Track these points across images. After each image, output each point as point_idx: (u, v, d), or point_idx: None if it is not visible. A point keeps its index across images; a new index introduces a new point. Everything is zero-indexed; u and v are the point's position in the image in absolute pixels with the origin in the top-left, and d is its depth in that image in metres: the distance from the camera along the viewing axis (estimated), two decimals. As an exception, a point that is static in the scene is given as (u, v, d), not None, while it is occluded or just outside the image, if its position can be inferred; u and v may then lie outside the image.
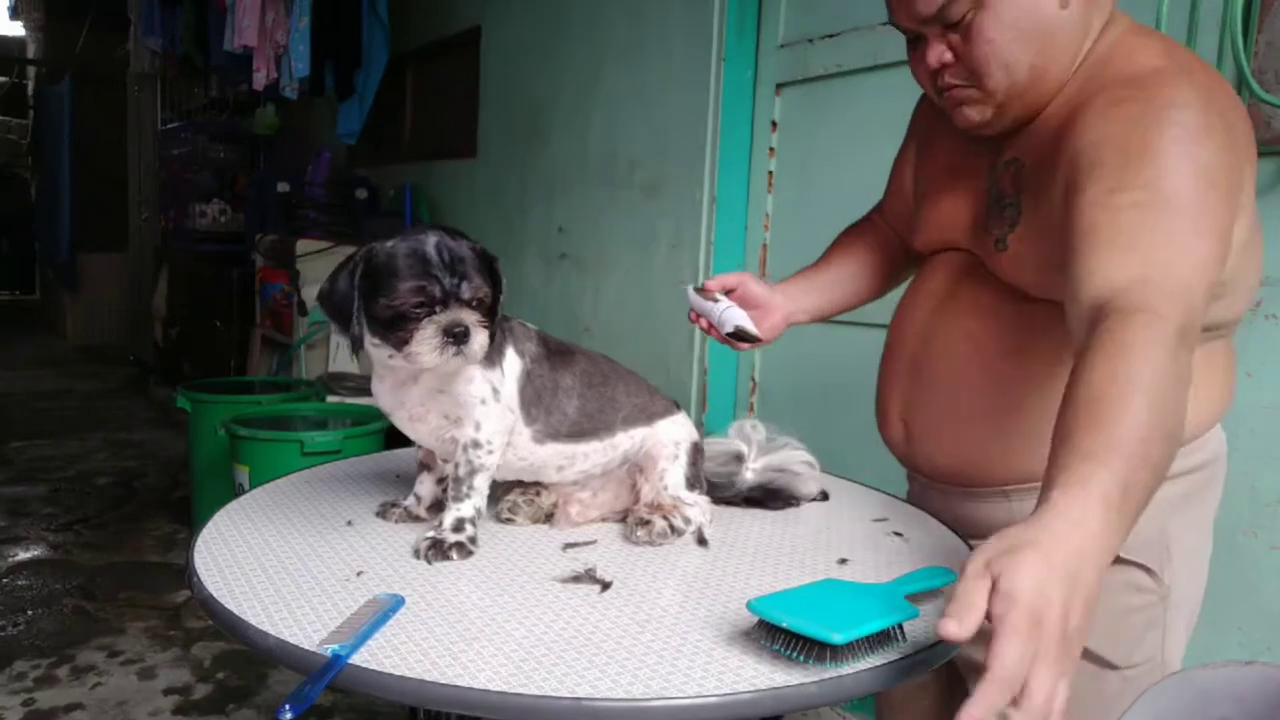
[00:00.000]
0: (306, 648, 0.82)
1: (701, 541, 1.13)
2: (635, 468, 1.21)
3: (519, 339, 1.15)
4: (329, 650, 0.80)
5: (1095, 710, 1.12)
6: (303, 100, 5.12)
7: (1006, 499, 1.20)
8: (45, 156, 10.39)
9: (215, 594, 0.93)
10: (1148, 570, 1.13)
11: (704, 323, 1.37)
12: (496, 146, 4.10)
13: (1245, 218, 1.03)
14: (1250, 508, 1.66)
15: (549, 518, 1.20)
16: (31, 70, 12.24)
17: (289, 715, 0.72)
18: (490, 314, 1.05)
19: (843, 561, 1.08)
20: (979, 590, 0.71)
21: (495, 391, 1.09)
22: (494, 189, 4.10)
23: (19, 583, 3.42)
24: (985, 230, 1.16)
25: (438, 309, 1.01)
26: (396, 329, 1.01)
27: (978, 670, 1.23)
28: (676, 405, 1.27)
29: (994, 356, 1.16)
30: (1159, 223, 0.92)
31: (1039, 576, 0.70)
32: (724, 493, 1.28)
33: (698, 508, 1.17)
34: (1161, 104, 0.96)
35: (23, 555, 3.70)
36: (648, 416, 1.21)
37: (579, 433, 1.17)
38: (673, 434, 1.21)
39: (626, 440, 1.20)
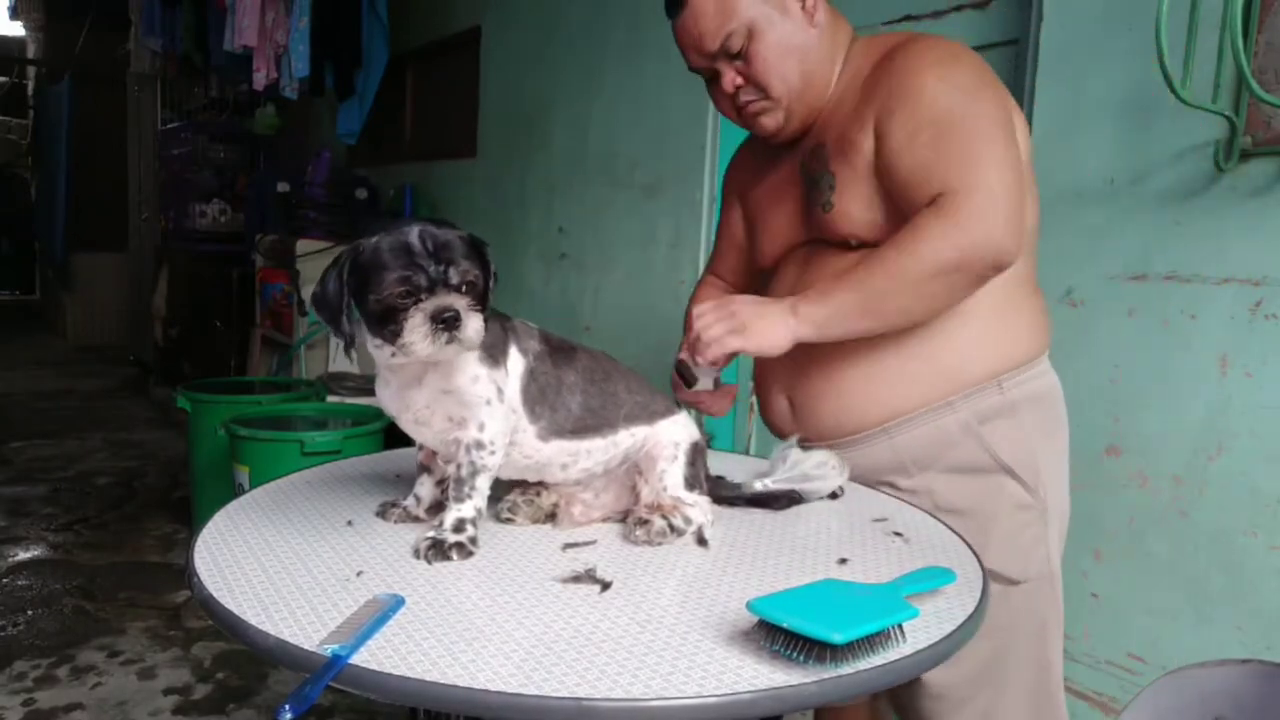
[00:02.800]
0: (306, 648, 0.82)
1: (701, 542, 1.13)
2: (635, 468, 1.20)
3: (522, 338, 1.15)
4: (329, 650, 0.80)
5: (1005, 621, 1.29)
6: (303, 100, 5.13)
7: (888, 436, 1.36)
8: (45, 156, 10.39)
9: (215, 594, 0.94)
10: (1024, 484, 1.34)
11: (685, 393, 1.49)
12: (496, 146, 4.10)
13: (1020, 137, 1.29)
14: (1250, 508, 1.66)
15: (550, 517, 1.20)
16: (31, 70, 12.24)
17: (289, 716, 0.73)
18: (482, 299, 1.04)
19: (843, 561, 1.08)
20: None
21: (500, 392, 1.09)
22: (494, 189, 4.10)
23: (19, 583, 3.42)
24: (810, 207, 1.38)
25: (424, 297, 1.00)
26: (388, 323, 1.00)
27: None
28: (678, 404, 1.28)
29: None
30: (947, 144, 1.21)
31: (704, 309, 1.31)
32: (728, 491, 1.28)
33: (698, 508, 1.17)
34: (914, 53, 1.28)
35: (23, 555, 3.70)
36: (649, 415, 1.21)
37: (582, 429, 1.17)
38: (673, 434, 1.20)
39: (628, 438, 1.20)
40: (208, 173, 6.04)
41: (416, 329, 0.99)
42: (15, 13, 12.07)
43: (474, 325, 1.01)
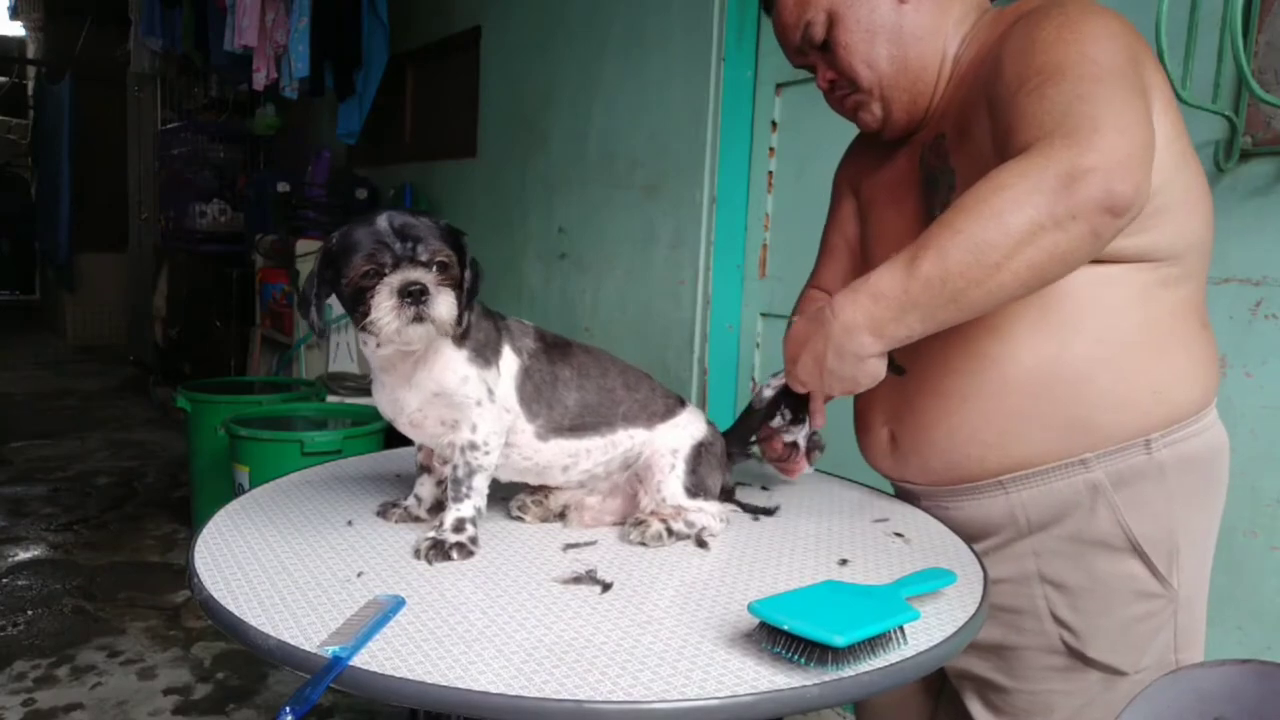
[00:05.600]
0: (307, 649, 0.82)
1: (701, 544, 1.12)
2: (635, 478, 1.19)
3: (515, 336, 1.14)
4: (329, 652, 0.80)
5: (1108, 713, 1.14)
6: (303, 100, 5.12)
7: (1004, 490, 1.17)
8: (45, 156, 10.38)
9: (215, 594, 0.93)
10: (1154, 571, 1.13)
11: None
12: (496, 146, 4.09)
13: (1166, 121, 1.07)
14: (1250, 508, 1.66)
15: (559, 517, 1.20)
16: (31, 70, 12.23)
17: (290, 718, 0.72)
18: (459, 285, 1.02)
19: (843, 563, 1.08)
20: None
21: (490, 392, 1.09)
22: (494, 189, 4.09)
23: (19, 583, 3.42)
24: (930, 211, 1.21)
25: (389, 273, 0.98)
26: (359, 305, 0.99)
27: (971, 679, 1.24)
28: (681, 401, 1.25)
29: (972, 335, 1.14)
30: (1055, 89, 0.98)
31: (796, 329, 1.14)
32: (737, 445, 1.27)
33: (703, 513, 1.16)
34: (1041, 13, 1.08)
35: (23, 555, 3.70)
36: (648, 417, 1.19)
37: (581, 427, 1.15)
38: (669, 441, 1.18)
39: (627, 439, 1.18)
40: (208, 173, 6.03)
41: (382, 305, 0.97)
42: (15, 13, 12.06)
43: (444, 303, 0.98)
